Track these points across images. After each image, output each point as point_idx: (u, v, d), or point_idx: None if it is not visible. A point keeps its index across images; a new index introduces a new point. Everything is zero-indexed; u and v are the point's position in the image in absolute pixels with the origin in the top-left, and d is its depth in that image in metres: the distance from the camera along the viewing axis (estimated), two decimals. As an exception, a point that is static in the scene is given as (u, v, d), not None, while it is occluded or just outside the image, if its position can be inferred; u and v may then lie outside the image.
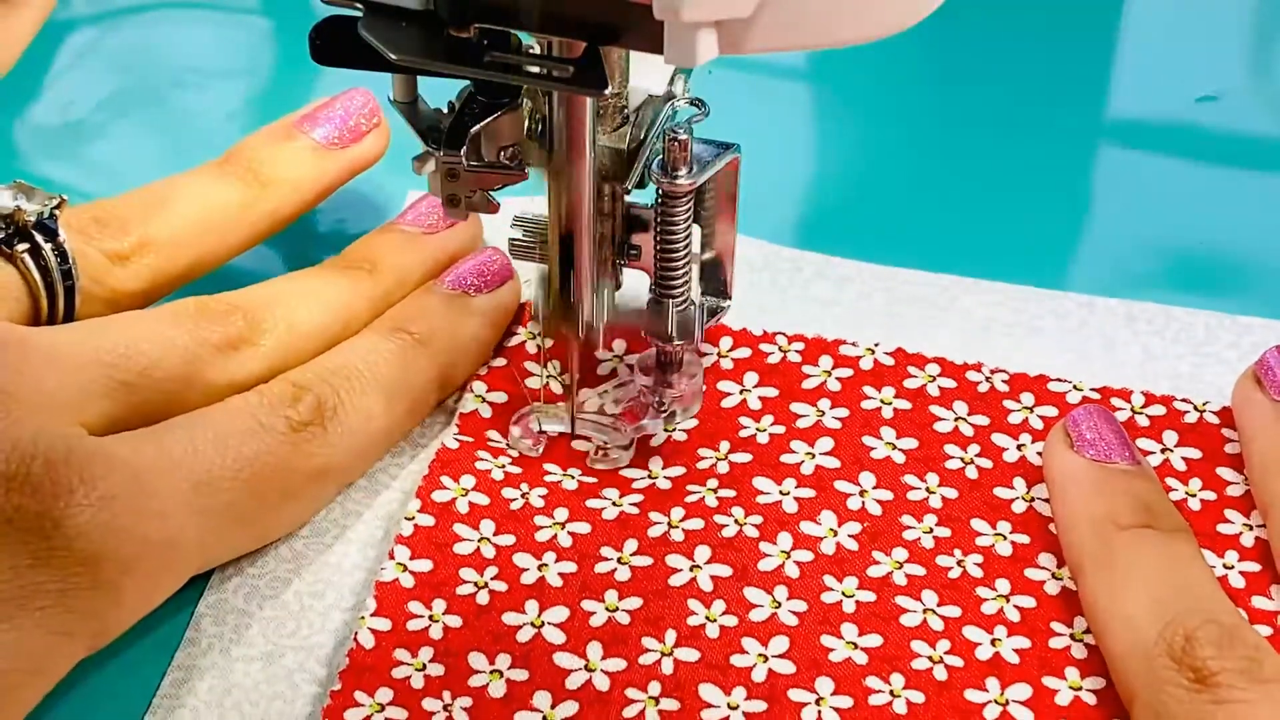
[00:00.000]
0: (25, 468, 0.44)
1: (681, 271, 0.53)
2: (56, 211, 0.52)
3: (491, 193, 0.51)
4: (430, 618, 0.50)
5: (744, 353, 0.56)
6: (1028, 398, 0.55)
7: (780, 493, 0.53)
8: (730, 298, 0.55)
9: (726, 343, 0.57)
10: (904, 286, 0.60)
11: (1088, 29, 0.72)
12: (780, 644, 0.49)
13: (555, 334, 0.52)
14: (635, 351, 0.57)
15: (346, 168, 0.59)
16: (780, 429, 0.55)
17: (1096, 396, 0.55)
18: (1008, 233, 0.61)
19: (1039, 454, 0.54)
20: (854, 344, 0.57)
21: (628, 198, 0.52)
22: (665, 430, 0.55)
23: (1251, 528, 0.52)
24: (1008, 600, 0.50)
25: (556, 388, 0.55)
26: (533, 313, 0.55)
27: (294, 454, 0.50)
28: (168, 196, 0.56)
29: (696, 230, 0.53)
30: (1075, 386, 0.56)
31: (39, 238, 0.52)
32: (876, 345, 0.57)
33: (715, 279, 0.55)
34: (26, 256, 0.52)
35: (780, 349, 0.57)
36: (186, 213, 0.55)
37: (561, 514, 0.52)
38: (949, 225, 0.62)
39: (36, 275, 0.52)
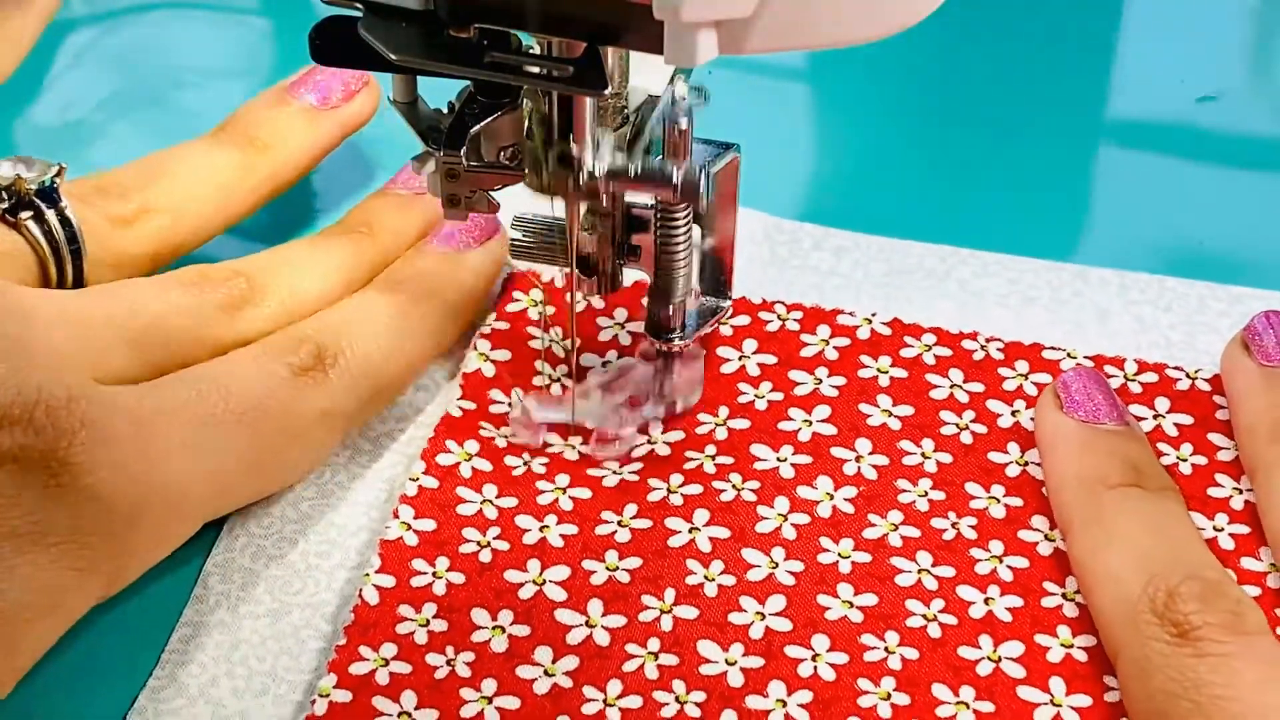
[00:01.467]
0: (29, 411, 0.45)
1: (682, 271, 0.53)
2: (57, 180, 0.53)
3: (491, 193, 0.51)
4: (434, 574, 0.50)
5: (743, 320, 0.57)
6: (1022, 365, 0.56)
7: (777, 459, 0.54)
8: (730, 298, 0.56)
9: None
10: (901, 257, 0.60)
11: (1088, 29, 0.72)
12: (777, 603, 0.50)
13: (556, 188, 0.51)
14: (635, 319, 0.57)
15: (340, 128, 0.60)
16: (779, 396, 0.56)
17: (1090, 364, 0.56)
18: (1008, 233, 0.62)
19: (1033, 419, 0.55)
20: (851, 314, 0.58)
21: (628, 198, 0.52)
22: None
23: (1241, 491, 0.52)
24: (1001, 561, 0.51)
25: (559, 351, 0.56)
26: (525, 157, 0.52)
27: (297, 397, 0.51)
28: (167, 164, 0.57)
29: (696, 230, 0.53)
30: (1069, 354, 0.56)
31: (42, 205, 0.52)
32: (874, 315, 0.58)
33: (715, 279, 0.55)
34: (31, 224, 0.52)
35: (779, 317, 0.58)
36: (187, 178, 0.56)
37: (563, 480, 0.53)
38: (949, 225, 0.62)
39: (43, 242, 0.52)
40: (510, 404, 0.55)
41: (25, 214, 0.52)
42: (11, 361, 0.46)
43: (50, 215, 0.52)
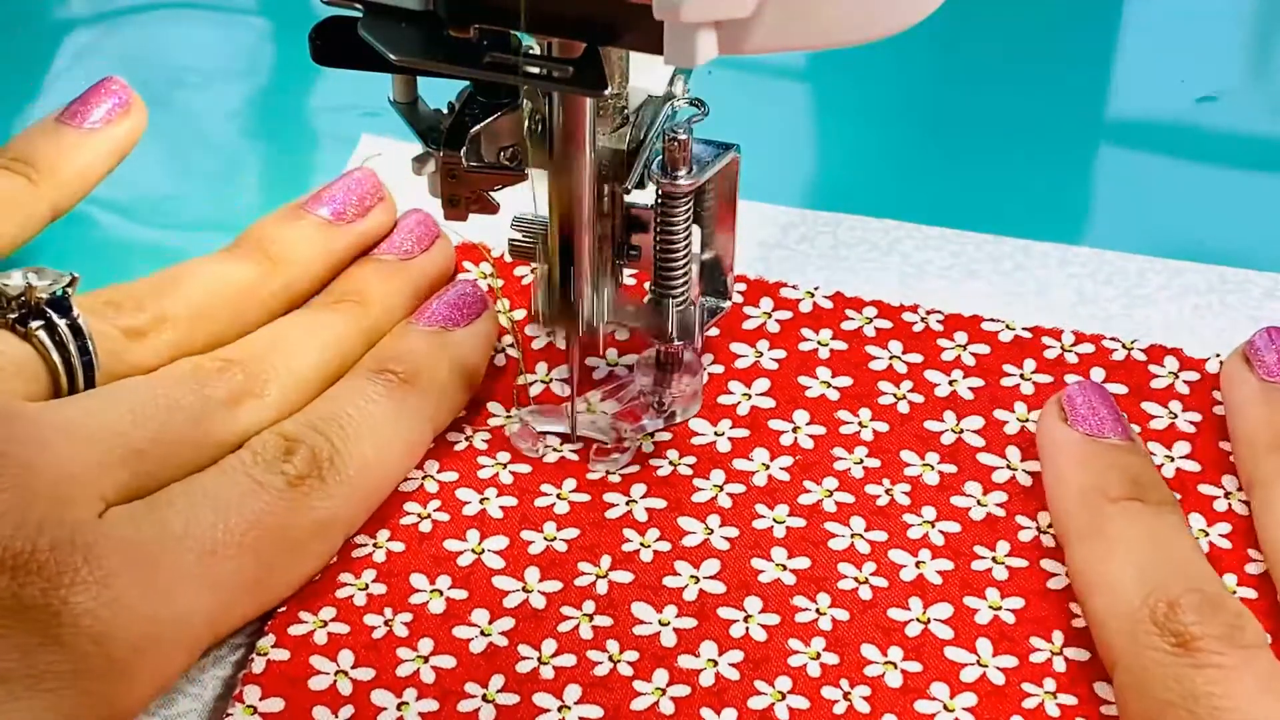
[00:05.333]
0: (29, 548, 0.44)
1: (681, 271, 0.53)
2: (69, 289, 0.51)
3: (491, 193, 0.51)
4: (374, 544, 0.51)
5: None
6: (961, 336, 0.57)
7: (715, 433, 0.55)
8: (730, 298, 0.56)
9: None
10: (846, 231, 0.61)
11: (1088, 29, 0.72)
12: (711, 566, 0.51)
13: (557, 328, 0.53)
14: (634, 353, 0.57)
15: (355, 242, 0.58)
16: (719, 369, 0.56)
17: (1028, 335, 0.57)
18: (1008, 233, 0.62)
19: (970, 389, 0.55)
20: (794, 287, 0.59)
21: (628, 198, 0.53)
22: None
23: (1172, 459, 0.53)
24: (933, 526, 0.52)
25: (505, 323, 0.57)
26: (533, 312, 0.55)
27: (294, 509, 0.49)
28: (180, 277, 0.55)
29: (696, 230, 0.54)
30: (1007, 326, 0.57)
31: (53, 315, 0.51)
32: (816, 289, 0.59)
33: (715, 279, 0.56)
34: (42, 334, 0.51)
35: None
36: (200, 291, 0.55)
37: (503, 456, 0.54)
38: (949, 224, 0.62)
39: (53, 352, 0.51)
40: (508, 415, 0.55)
41: (36, 323, 0.51)
42: (17, 493, 0.45)
43: (61, 325, 0.51)
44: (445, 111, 0.51)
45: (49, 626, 0.44)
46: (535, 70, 0.45)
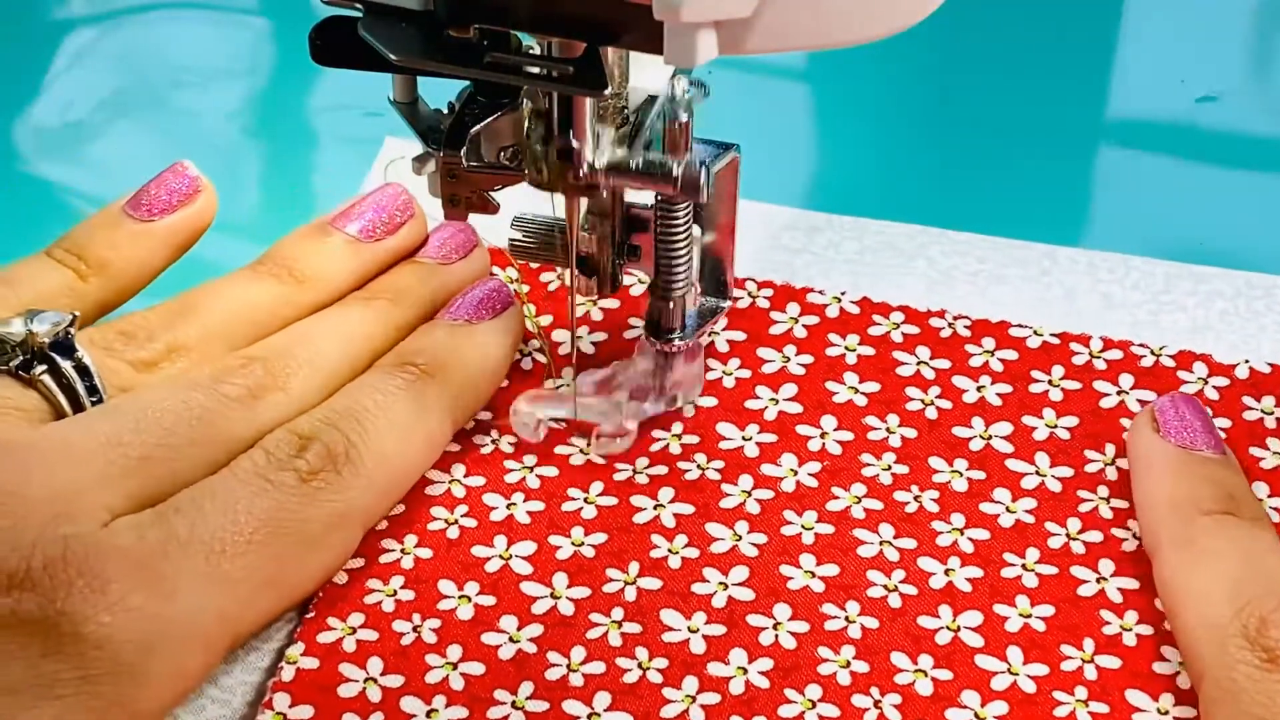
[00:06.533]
0: (24, 566, 0.44)
1: (681, 272, 0.53)
2: (71, 329, 0.51)
3: (491, 193, 0.51)
4: (401, 550, 0.51)
5: None
6: (989, 342, 0.57)
7: (743, 438, 0.54)
8: (730, 298, 0.56)
9: None
10: (872, 236, 0.61)
11: (1088, 29, 0.73)
12: (740, 573, 0.51)
13: (556, 182, 0.51)
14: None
15: (384, 260, 0.57)
16: (746, 373, 0.56)
17: (1056, 341, 0.57)
18: (1008, 233, 0.62)
19: (999, 395, 0.55)
20: (821, 292, 0.59)
21: (628, 198, 0.53)
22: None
23: (1202, 464, 0.53)
24: (962, 533, 0.52)
25: (532, 327, 0.57)
26: (525, 157, 0.52)
27: (308, 504, 0.48)
28: (198, 300, 0.54)
29: (696, 230, 0.53)
30: (1035, 331, 0.57)
31: (57, 358, 0.50)
32: (843, 294, 0.58)
33: (715, 279, 0.56)
34: (46, 378, 0.50)
35: (749, 294, 0.58)
36: (218, 314, 0.54)
37: (530, 459, 0.54)
38: (949, 225, 0.62)
39: (59, 395, 0.50)
40: (513, 411, 0.55)
41: (40, 368, 0.50)
42: (9, 518, 0.45)
43: (66, 366, 0.50)
44: (445, 111, 0.51)
45: (49, 637, 0.44)
46: (535, 70, 0.45)
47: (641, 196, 0.53)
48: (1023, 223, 0.62)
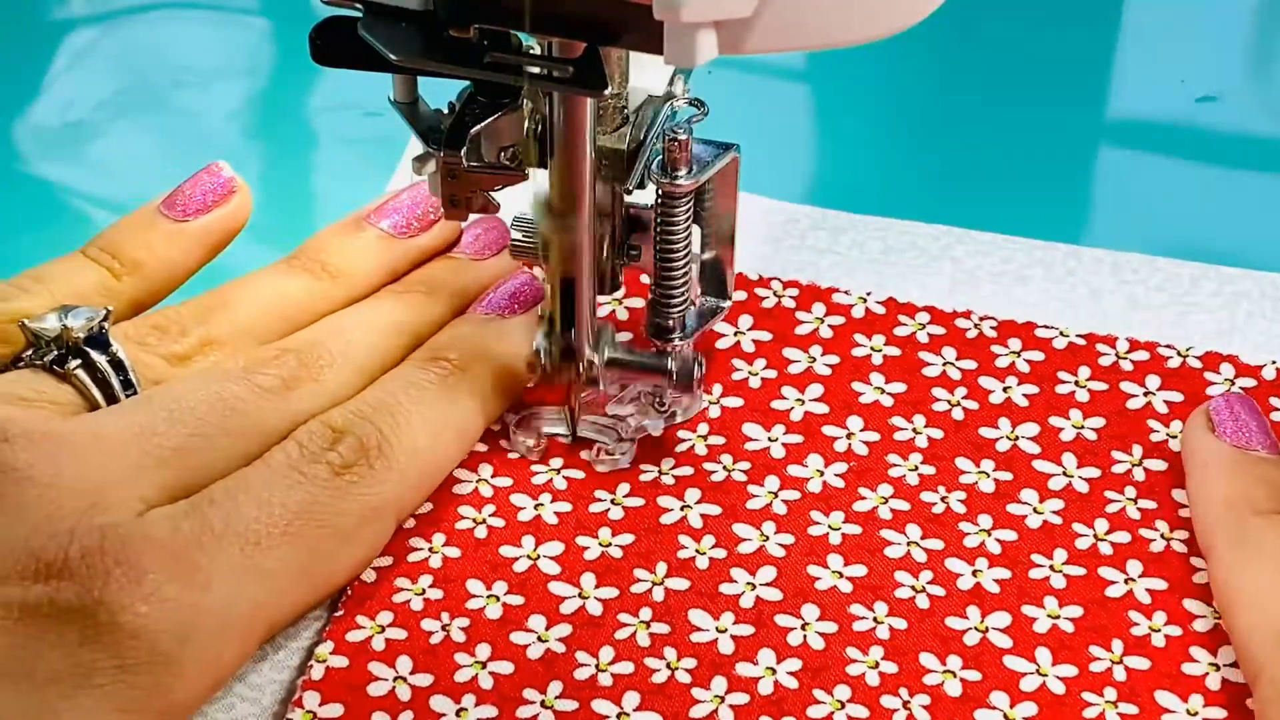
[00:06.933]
0: (62, 555, 0.44)
1: (681, 272, 0.53)
2: (105, 324, 0.51)
3: (491, 193, 0.51)
4: (430, 550, 0.51)
5: (740, 295, 0.58)
6: (1015, 343, 0.57)
7: (769, 439, 0.54)
8: (730, 298, 0.56)
9: None
10: (896, 236, 0.61)
11: (1088, 29, 0.72)
12: (768, 574, 0.51)
13: (556, 377, 0.53)
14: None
15: (416, 257, 0.57)
16: (772, 373, 0.56)
17: (1082, 342, 0.57)
18: (1008, 233, 0.62)
19: (1025, 396, 0.55)
20: (846, 292, 0.59)
21: (628, 198, 0.53)
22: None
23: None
24: (989, 534, 0.52)
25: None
26: (530, 360, 0.54)
27: (341, 497, 0.49)
28: (230, 294, 0.55)
29: (696, 230, 0.53)
30: (1061, 332, 0.57)
31: (92, 353, 0.51)
32: (869, 294, 0.58)
33: (715, 279, 0.56)
34: (81, 372, 0.50)
35: (775, 294, 0.58)
36: (250, 307, 0.54)
37: (556, 462, 0.54)
38: (948, 224, 0.62)
39: (94, 389, 0.50)
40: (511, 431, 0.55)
41: (74, 363, 0.50)
42: (44, 509, 0.45)
43: (101, 360, 0.50)
44: (445, 111, 0.51)
45: (86, 627, 0.44)
46: (535, 70, 0.45)
47: (642, 197, 0.53)
48: (1022, 223, 0.62)
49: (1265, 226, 0.63)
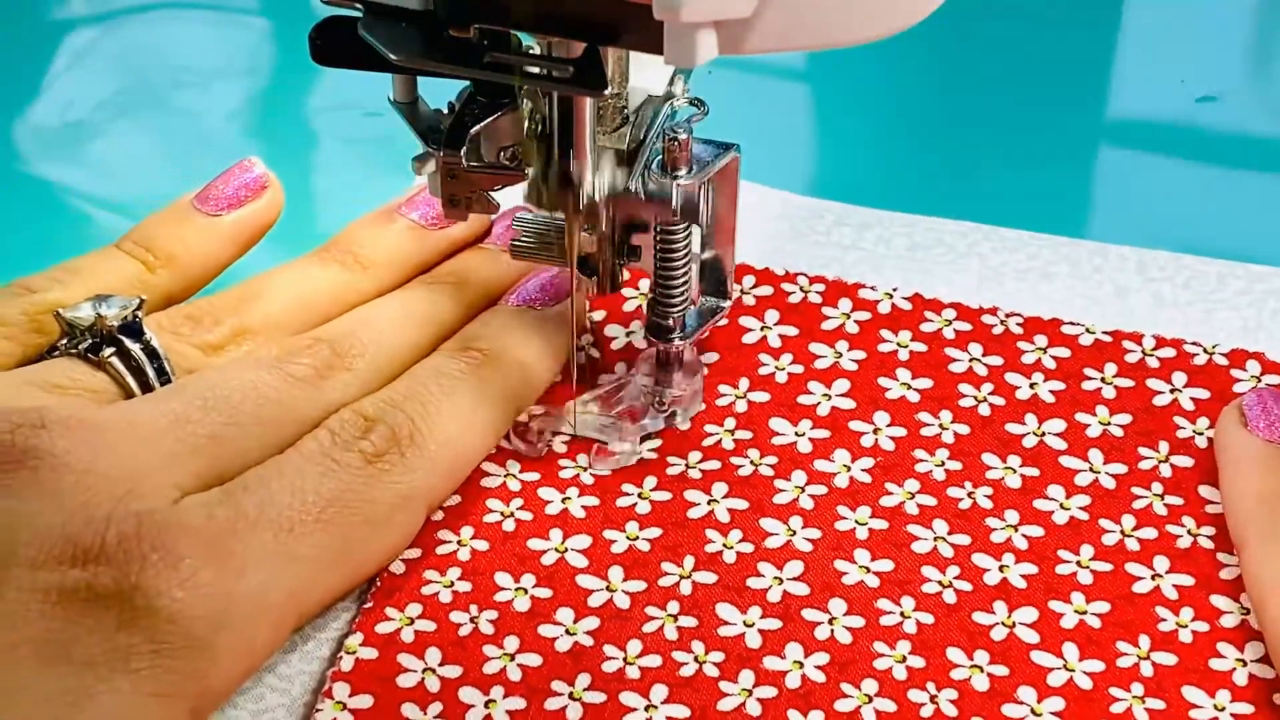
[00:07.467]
0: (99, 540, 0.44)
1: (681, 272, 0.53)
2: (139, 313, 0.52)
3: (491, 193, 0.51)
4: (458, 542, 0.51)
5: (766, 290, 0.58)
6: (1041, 339, 0.57)
7: (796, 434, 0.55)
8: (730, 298, 0.56)
9: (749, 280, 0.59)
10: (922, 233, 0.61)
11: (1088, 29, 0.72)
12: (795, 568, 0.51)
13: (557, 207, 0.51)
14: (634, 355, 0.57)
15: (446, 248, 0.58)
16: (799, 368, 0.56)
17: (1109, 339, 0.57)
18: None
19: (1052, 393, 0.55)
20: (873, 288, 0.59)
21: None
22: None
23: (1256, 463, 0.53)
24: (1016, 530, 0.52)
25: None
26: (525, 193, 0.53)
27: (373, 485, 0.49)
28: (263, 285, 0.55)
29: (696, 230, 0.53)
30: (1088, 329, 0.57)
31: (126, 341, 0.51)
32: (895, 290, 0.59)
33: (715, 279, 0.56)
34: (115, 360, 0.51)
35: (801, 289, 0.59)
36: (282, 297, 0.55)
37: (583, 459, 0.54)
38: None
39: (128, 377, 0.51)
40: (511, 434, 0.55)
41: (108, 351, 0.51)
42: (80, 495, 0.45)
43: (135, 349, 0.51)
44: (445, 111, 0.51)
45: (123, 611, 0.44)
46: (535, 70, 0.45)
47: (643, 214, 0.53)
48: (1022, 223, 0.62)
49: (1265, 226, 0.63)
